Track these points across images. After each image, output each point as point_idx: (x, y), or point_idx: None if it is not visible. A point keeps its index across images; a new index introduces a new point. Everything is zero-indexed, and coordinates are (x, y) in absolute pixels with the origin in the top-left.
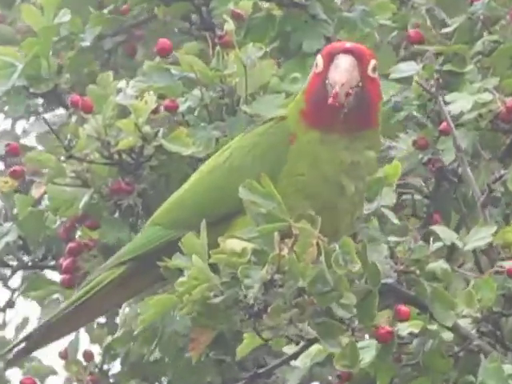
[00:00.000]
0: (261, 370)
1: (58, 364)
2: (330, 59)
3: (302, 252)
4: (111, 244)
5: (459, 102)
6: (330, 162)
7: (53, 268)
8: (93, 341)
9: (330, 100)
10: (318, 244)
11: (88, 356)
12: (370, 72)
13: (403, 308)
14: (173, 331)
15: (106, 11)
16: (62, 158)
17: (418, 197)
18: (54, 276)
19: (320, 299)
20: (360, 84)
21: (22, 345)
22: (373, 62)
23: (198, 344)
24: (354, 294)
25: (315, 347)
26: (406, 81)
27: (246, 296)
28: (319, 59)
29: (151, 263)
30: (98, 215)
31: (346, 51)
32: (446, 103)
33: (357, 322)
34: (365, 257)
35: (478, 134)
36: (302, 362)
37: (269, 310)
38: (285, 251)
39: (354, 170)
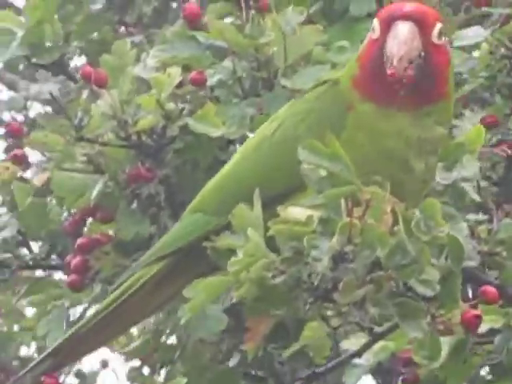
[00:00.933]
0: (319, 370)
1: None
2: (387, 25)
3: (375, 220)
4: (128, 240)
5: None
6: (393, 136)
7: (58, 268)
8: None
9: (388, 74)
10: (393, 211)
11: None
12: (434, 38)
13: (490, 288)
14: (198, 339)
15: None
16: (71, 139)
17: (484, 183)
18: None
19: (399, 273)
20: (423, 54)
21: (48, 361)
22: (438, 26)
23: (255, 335)
24: None
25: (379, 343)
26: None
27: (310, 275)
28: (376, 23)
29: (196, 255)
30: (112, 206)
31: (406, 17)
32: None
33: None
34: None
35: None
36: (365, 359)
37: (340, 285)
38: (356, 219)
39: (422, 146)
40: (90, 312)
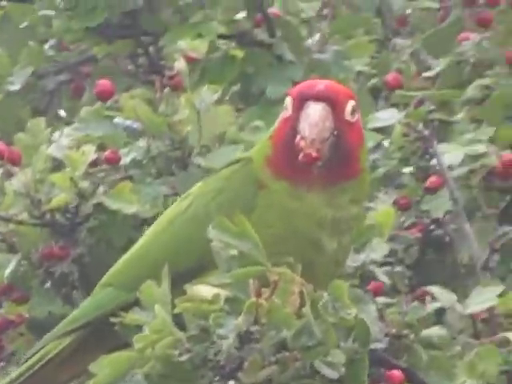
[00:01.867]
0: None
1: None
2: (299, 104)
3: (283, 300)
4: (42, 319)
5: (449, 154)
6: (304, 216)
7: None
8: None
9: (300, 157)
10: (301, 292)
11: None
12: (347, 116)
13: (396, 373)
14: None
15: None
16: None
17: (398, 268)
18: None
19: (305, 354)
20: (335, 133)
21: None
22: (350, 104)
23: None
24: None
25: None
26: (383, 132)
27: (217, 353)
28: (288, 101)
29: (106, 329)
30: (26, 285)
31: (317, 97)
32: (432, 156)
33: None
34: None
35: (470, 191)
36: None
37: (245, 365)
38: (263, 299)
39: (335, 226)
40: None
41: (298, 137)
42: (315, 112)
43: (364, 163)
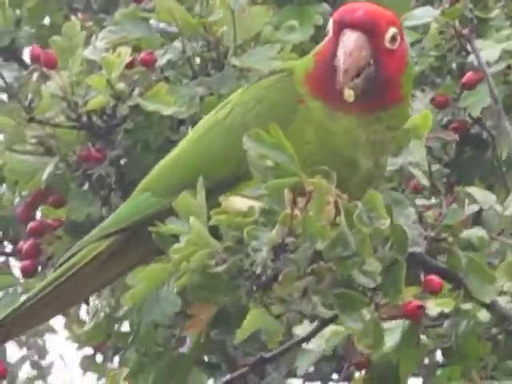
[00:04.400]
0: (267, 355)
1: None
2: (338, 30)
3: (317, 211)
4: (80, 222)
5: (485, 51)
6: (340, 136)
7: (10, 254)
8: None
9: (337, 84)
10: (335, 202)
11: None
12: (387, 43)
13: (435, 278)
14: (151, 322)
15: None
16: (22, 121)
17: (436, 166)
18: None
19: (340, 265)
20: (372, 62)
21: None
22: (391, 31)
23: (198, 321)
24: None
25: (330, 328)
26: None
27: (252, 263)
28: (330, 24)
29: (142, 235)
30: (64, 188)
31: (355, 25)
32: (469, 53)
33: (380, 297)
34: (390, 220)
35: (506, 88)
36: (315, 345)
37: (280, 277)
38: (298, 210)
39: (371, 147)
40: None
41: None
42: (350, 41)
43: (407, 90)
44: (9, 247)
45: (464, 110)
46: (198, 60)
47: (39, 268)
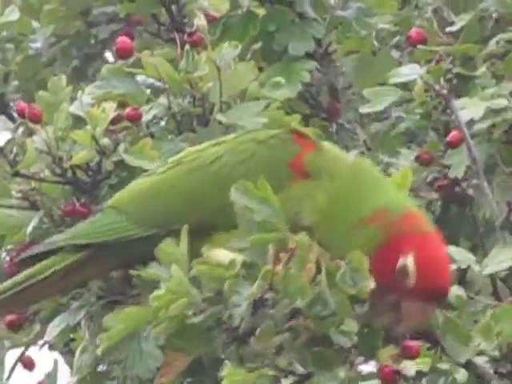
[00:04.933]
0: None
1: None
2: (424, 295)
3: (299, 268)
4: None
5: (470, 109)
6: None
7: None
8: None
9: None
10: (317, 261)
11: None
12: None
13: (411, 343)
14: (135, 377)
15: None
16: (7, 175)
17: None
18: None
19: (318, 323)
20: None
21: None
22: None
23: (171, 369)
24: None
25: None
26: (404, 88)
27: (230, 316)
28: (412, 274)
29: (109, 251)
30: None
31: (440, 302)
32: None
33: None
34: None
35: (490, 146)
36: None
37: (257, 332)
38: (279, 266)
39: None
40: None
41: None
42: (427, 316)
43: None
44: None
45: (449, 167)
46: (183, 116)
47: (26, 323)
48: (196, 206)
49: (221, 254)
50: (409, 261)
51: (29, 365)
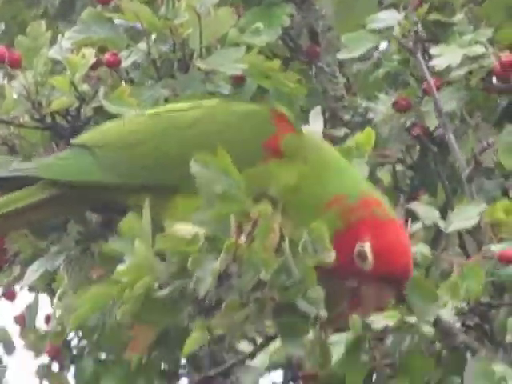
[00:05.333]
0: (211, 373)
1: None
2: (382, 277)
3: (262, 239)
4: None
5: (447, 56)
6: None
7: None
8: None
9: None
10: (280, 230)
11: (49, 321)
12: None
13: None
14: (114, 322)
15: None
16: None
17: (400, 167)
18: None
19: (283, 294)
20: None
21: None
22: None
23: (139, 343)
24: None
25: (275, 344)
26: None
27: (195, 288)
28: (369, 259)
29: (77, 191)
30: None
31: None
32: (432, 57)
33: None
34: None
35: (467, 93)
36: (260, 361)
37: (222, 305)
38: (242, 238)
39: None
40: None
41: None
42: (385, 300)
43: None
44: None
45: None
46: (163, 62)
47: (5, 265)
48: (164, 165)
49: (184, 229)
50: (366, 246)
51: (10, 296)
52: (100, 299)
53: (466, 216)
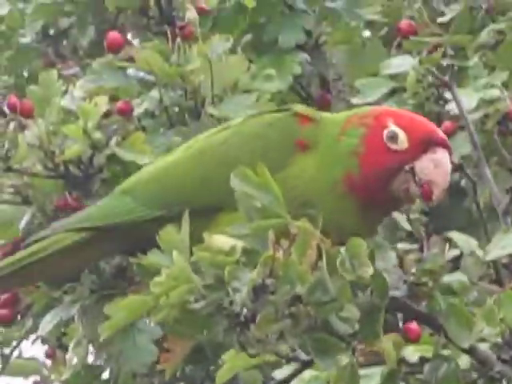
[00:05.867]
0: None
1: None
2: (423, 145)
3: (299, 254)
4: None
5: (463, 100)
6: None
7: None
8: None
9: (426, 198)
10: (318, 246)
11: None
12: None
13: (413, 326)
14: (130, 371)
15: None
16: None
17: (414, 215)
18: None
19: (318, 310)
20: None
21: None
22: None
23: (173, 356)
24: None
25: (309, 372)
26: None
27: (231, 302)
28: (401, 133)
29: (113, 235)
30: None
31: (444, 145)
32: (447, 101)
33: (358, 343)
34: (372, 264)
35: (483, 137)
36: None
37: (257, 319)
38: (280, 253)
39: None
40: None
41: (419, 176)
42: (447, 161)
43: None
44: None
45: None
46: (175, 109)
47: (18, 317)
48: (203, 188)
49: (221, 241)
50: (392, 126)
51: None
52: (135, 307)
53: (503, 245)
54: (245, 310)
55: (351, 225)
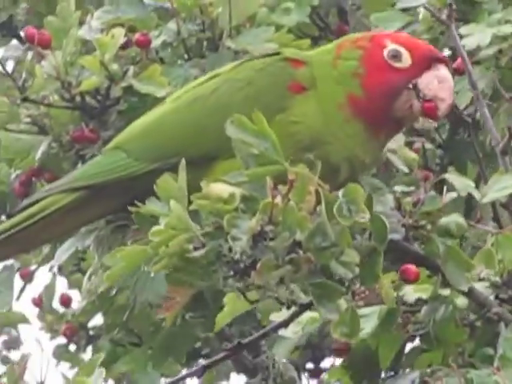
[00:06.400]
0: (245, 340)
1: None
2: (426, 62)
3: (298, 200)
4: None
5: (476, 35)
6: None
7: None
8: (71, 285)
9: (420, 110)
10: (317, 192)
11: (65, 301)
12: None
13: (411, 267)
14: (145, 301)
15: None
16: (16, 100)
17: (429, 146)
18: None
19: (318, 255)
20: None
21: None
22: None
23: (174, 304)
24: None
25: (308, 314)
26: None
27: (231, 249)
28: (403, 51)
29: (110, 192)
30: (57, 167)
31: (445, 62)
32: (461, 36)
33: (358, 285)
34: (370, 209)
35: (497, 72)
36: (292, 332)
37: (257, 266)
38: (278, 199)
39: (360, 168)
40: None
41: (424, 91)
42: (449, 77)
43: None
44: None
45: (456, 93)
46: (192, 41)
47: None
48: (196, 137)
49: (220, 188)
50: (392, 45)
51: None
52: (135, 257)
53: (500, 187)
54: (244, 257)
55: (360, 153)
